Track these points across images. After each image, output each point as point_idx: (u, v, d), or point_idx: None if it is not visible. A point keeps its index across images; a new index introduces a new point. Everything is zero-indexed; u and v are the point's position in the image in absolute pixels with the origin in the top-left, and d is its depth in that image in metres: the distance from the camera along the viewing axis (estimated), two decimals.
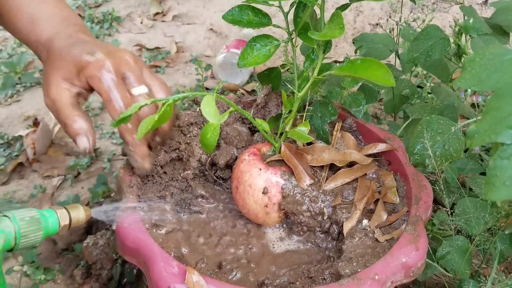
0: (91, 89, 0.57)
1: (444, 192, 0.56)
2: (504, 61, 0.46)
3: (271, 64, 1.17)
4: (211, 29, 1.33)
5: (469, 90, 0.65)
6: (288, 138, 0.62)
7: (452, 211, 0.61)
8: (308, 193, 0.58)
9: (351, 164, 0.62)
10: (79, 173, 0.94)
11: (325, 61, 1.21)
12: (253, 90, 1.11)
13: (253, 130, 0.68)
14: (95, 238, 0.75)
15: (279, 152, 0.60)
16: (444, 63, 0.80)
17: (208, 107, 0.44)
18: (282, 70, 0.68)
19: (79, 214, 0.51)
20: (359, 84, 0.76)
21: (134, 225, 0.52)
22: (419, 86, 1.09)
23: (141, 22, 1.36)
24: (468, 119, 0.88)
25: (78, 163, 0.94)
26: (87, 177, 0.93)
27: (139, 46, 1.27)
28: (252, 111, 0.68)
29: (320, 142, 0.65)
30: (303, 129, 0.57)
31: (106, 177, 0.90)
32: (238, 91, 1.11)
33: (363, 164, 0.61)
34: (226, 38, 1.29)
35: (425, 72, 1.15)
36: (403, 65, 0.81)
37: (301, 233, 0.59)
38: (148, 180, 0.60)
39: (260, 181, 0.58)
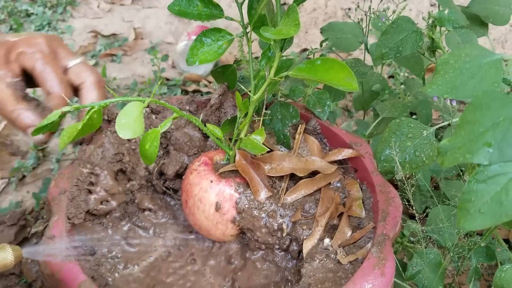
0: (22, 74, 0.53)
1: (413, 208, 0.51)
2: (482, 65, 0.40)
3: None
4: None
5: None
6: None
7: (423, 218, 0.56)
8: (265, 207, 0.52)
9: (313, 172, 0.56)
10: (24, 176, 0.86)
11: (294, 48, 1.13)
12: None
13: (207, 135, 0.62)
14: None
15: (234, 161, 0.54)
16: (417, 56, 0.74)
17: (126, 118, 0.37)
18: (237, 67, 0.61)
19: (7, 256, 0.42)
20: None
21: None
22: (391, 76, 1.04)
23: (98, 6, 1.26)
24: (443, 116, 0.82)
25: (23, 165, 0.86)
26: (33, 180, 0.85)
27: (94, 33, 1.18)
28: (205, 112, 0.61)
29: (281, 148, 0.59)
30: (257, 138, 0.51)
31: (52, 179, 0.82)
32: (201, 82, 1.04)
33: (327, 173, 0.55)
34: (189, 23, 1.20)
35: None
36: (373, 59, 0.74)
37: (258, 250, 0.54)
38: (81, 193, 0.53)
39: (211, 195, 0.52)
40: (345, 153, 0.57)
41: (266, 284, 0.52)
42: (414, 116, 0.85)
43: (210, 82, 1.03)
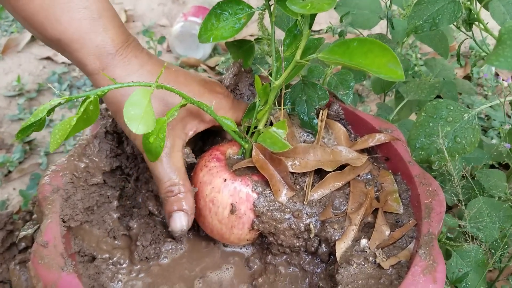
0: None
1: (461, 202, 0.44)
2: None
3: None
4: None
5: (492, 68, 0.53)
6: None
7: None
8: (289, 208, 0.45)
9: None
10: (10, 171, 0.78)
11: None
12: (217, 65, 0.96)
13: None
14: (23, 256, 0.60)
15: (250, 156, 0.47)
16: (441, 33, 0.68)
17: (135, 109, 0.30)
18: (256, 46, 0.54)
19: None
20: None
21: None
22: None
23: None
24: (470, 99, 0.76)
25: (8, 159, 0.78)
26: (20, 175, 0.77)
27: None
28: None
29: (303, 134, 0.52)
30: (279, 131, 0.44)
31: (42, 175, 0.75)
32: (199, 67, 0.97)
33: (357, 165, 0.48)
34: (183, 4, 1.12)
35: (410, 41, 1.03)
36: (394, 35, 0.68)
37: (282, 255, 0.47)
38: (77, 191, 0.46)
39: (225, 196, 0.45)
40: (378, 139, 0.50)
41: None
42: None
43: (209, 67, 0.96)
